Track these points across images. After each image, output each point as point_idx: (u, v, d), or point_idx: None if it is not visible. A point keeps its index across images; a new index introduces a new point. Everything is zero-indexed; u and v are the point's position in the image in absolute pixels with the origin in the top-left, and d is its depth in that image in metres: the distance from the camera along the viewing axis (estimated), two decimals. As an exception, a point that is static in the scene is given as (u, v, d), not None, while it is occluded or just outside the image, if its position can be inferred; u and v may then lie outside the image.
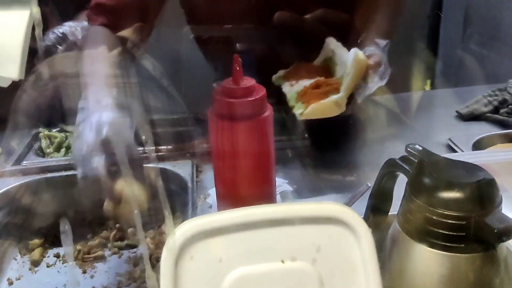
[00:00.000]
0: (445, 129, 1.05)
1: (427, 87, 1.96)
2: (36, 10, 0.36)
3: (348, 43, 0.88)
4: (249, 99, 0.57)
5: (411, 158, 0.56)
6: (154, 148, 0.96)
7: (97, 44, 1.06)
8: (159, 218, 0.90)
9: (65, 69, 1.18)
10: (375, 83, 0.83)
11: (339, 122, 1.10)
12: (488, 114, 1.07)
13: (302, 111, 0.75)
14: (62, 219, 0.90)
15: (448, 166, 0.52)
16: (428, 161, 0.53)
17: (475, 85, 1.31)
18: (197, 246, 0.38)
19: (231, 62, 0.57)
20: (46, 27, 1.02)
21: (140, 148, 0.96)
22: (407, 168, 0.55)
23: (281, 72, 0.89)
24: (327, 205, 0.40)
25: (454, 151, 0.94)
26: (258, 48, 1.22)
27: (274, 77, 0.89)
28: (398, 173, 0.59)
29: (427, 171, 0.51)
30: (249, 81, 0.58)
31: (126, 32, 1.23)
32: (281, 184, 0.77)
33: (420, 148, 0.56)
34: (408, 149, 0.57)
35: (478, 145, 0.95)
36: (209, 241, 0.38)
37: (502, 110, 1.06)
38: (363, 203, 0.65)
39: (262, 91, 0.58)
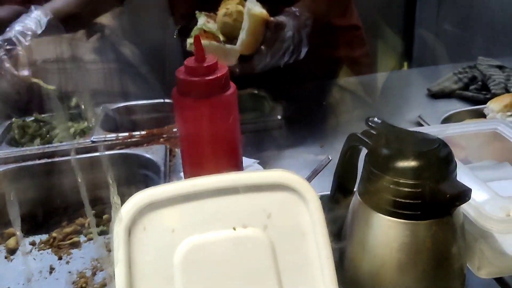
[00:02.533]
0: (416, 107, 1.07)
1: (405, 67, 1.98)
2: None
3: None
4: (211, 77, 0.57)
5: (372, 131, 0.57)
6: (128, 134, 0.97)
7: None
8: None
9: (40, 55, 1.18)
10: (278, 54, 0.83)
11: (312, 102, 1.13)
12: (458, 91, 1.08)
13: (191, 43, 0.75)
14: (37, 207, 0.91)
15: (406, 137, 0.54)
16: (386, 133, 0.55)
17: (448, 64, 1.33)
18: (149, 216, 0.39)
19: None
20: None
21: (113, 135, 0.97)
22: (368, 141, 0.56)
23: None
24: (276, 173, 0.41)
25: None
26: None
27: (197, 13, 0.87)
28: (361, 147, 0.60)
29: (384, 142, 0.52)
30: (211, 59, 0.58)
31: (103, 19, 1.23)
32: (252, 164, 0.77)
33: (379, 121, 0.57)
34: (368, 122, 0.58)
35: (447, 121, 0.96)
36: (161, 211, 0.39)
37: (471, 87, 1.08)
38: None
39: (224, 69, 0.59)
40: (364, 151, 0.60)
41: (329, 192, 0.68)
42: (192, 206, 0.39)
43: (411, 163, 0.49)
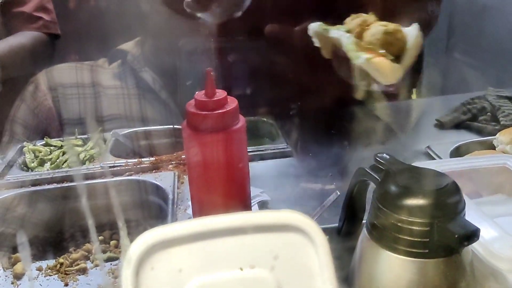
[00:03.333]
0: (425, 137, 1.06)
1: (414, 96, 1.98)
2: None
3: None
4: (221, 111, 0.58)
5: (380, 166, 0.57)
6: (137, 160, 0.97)
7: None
8: (140, 230, 0.91)
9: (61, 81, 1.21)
10: None
11: (320, 130, 1.13)
12: (467, 122, 1.08)
13: (370, 58, 0.73)
14: (45, 232, 0.92)
15: (414, 174, 0.54)
16: (394, 169, 0.55)
17: (457, 93, 1.33)
18: (157, 256, 0.39)
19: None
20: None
21: (123, 161, 0.98)
22: (376, 176, 0.57)
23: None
24: (284, 213, 0.41)
25: (433, 159, 0.95)
26: (250, 60, 1.25)
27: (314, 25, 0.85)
28: (369, 181, 0.60)
29: (392, 179, 0.52)
30: (221, 94, 0.59)
31: (126, 46, 1.26)
32: (259, 194, 0.77)
33: (388, 157, 0.57)
34: (377, 158, 0.58)
35: (456, 153, 0.96)
36: (169, 251, 0.39)
37: (480, 118, 1.08)
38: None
39: (234, 103, 0.59)
40: (372, 185, 0.60)
41: (336, 224, 0.68)
42: (200, 246, 0.39)
43: (419, 201, 0.49)
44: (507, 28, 1.58)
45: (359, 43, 0.76)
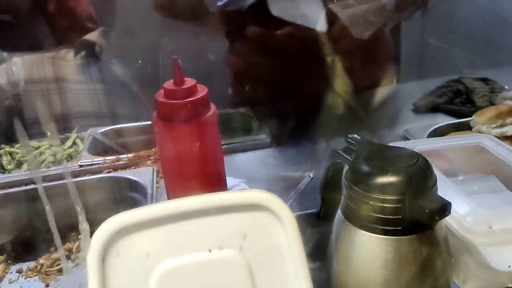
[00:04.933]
0: (403, 121, 1.07)
1: (394, 82, 1.99)
2: None
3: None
4: (191, 99, 0.57)
5: (352, 147, 0.58)
6: (115, 157, 0.97)
7: None
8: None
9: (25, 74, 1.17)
10: None
11: (299, 120, 1.13)
12: (443, 105, 1.09)
13: None
14: (25, 233, 0.90)
15: (385, 153, 0.54)
16: (365, 150, 0.55)
17: (433, 78, 1.34)
18: (123, 242, 0.38)
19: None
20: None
21: (101, 158, 0.97)
22: (347, 157, 0.57)
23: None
24: (251, 193, 0.41)
25: (410, 142, 0.96)
26: (231, 61, 1.24)
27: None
28: (342, 163, 0.61)
29: (363, 159, 0.53)
30: (190, 82, 0.59)
31: (92, 36, 1.22)
32: (238, 183, 0.77)
33: (359, 138, 0.57)
34: (348, 139, 0.58)
35: (433, 135, 0.97)
36: (135, 236, 0.38)
37: (456, 100, 1.09)
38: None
39: (203, 91, 0.59)
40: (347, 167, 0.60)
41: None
42: (166, 230, 0.39)
43: (389, 179, 0.49)
44: (478, 12, 1.60)
45: None
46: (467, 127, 0.99)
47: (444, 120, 1.06)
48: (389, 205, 0.49)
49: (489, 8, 1.48)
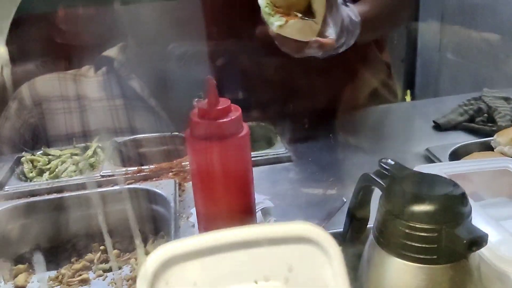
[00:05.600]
0: (423, 139, 1.07)
1: (408, 98, 2.00)
2: (3, 50, 0.37)
3: None
4: (225, 120, 0.58)
5: (385, 172, 0.58)
6: (137, 168, 0.97)
7: None
8: (143, 238, 0.90)
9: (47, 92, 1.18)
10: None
11: (319, 134, 1.13)
12: (464, 123, 1.09)
13: (281, 24, 0.74)
14: (46, 242, 0.91)
15: (419, 179, 0.54)
16: (399, 175, 0.55)
17: (453, 95, 1.34)
18: (171, 271, 0.38)
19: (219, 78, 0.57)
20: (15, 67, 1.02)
21: (122, 169, 0.97)
22: (381, 182, 0.57)
23: None
24: (297, 225, 0.41)
25: (432, 161, 0.96)
26: (243, 64, 1.25)
27: None
28: (373, 187, 0.61)
29: (398, 185, 0.53)
30: (224, 102, 0.59)
31: (111, 52, 1.24)
32: (262, 200, 0.77)
33: (393, 163, 0.57)
34: (381, 163, 0.58)
35: (454, 155, 0.97)
36: (183, 266, 0.39)
37: (477, 119, 1.09)
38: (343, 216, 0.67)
39: (237, 112, 0.59)
40: (376, 191, 0.61)
41: (341, 229, 0.69)
42: (213, 260, 0.39)
43: (426, 207, 0.49)
44: (498, 28, 1.59)
45: (272, 6, 0.76)
46: (489, 147, 0.99)
47: (465, 138, 1.06)
48: (425, 234, 0.49)
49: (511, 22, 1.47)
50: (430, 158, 0.97)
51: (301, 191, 0.90)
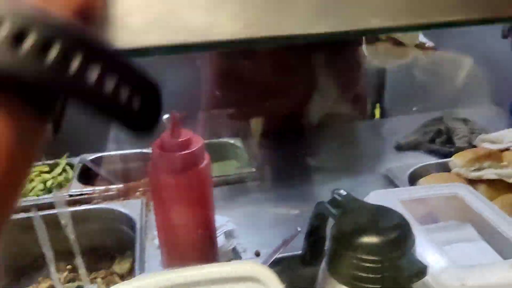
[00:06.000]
0: (386, 159, 1.11)
1: (377, 113, 2.04)
2: None
3: None
4: (186, 152, 0.60)
5: (338, 202, 0.61)
6: (104, 187, 0.98)
7: None
8: (109, 258, 0.92)
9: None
10: None
11: (286, 152, 1.16)
12: (425, 144, 1.13)
13: None
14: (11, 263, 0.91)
15: (368, 211, 0.57)
16: (350, 206, 0.58)
17: (420, 113, 1.38)
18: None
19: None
20: None
21: (90, 188, 0.98)
22: (333, 212, 0.60)
23: None
24: (243, 265, 0.44)
25: (392, 182, 1.00)
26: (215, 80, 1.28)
27: None
28: (328, 215, 0.64)
29: (348, 217, 0.56)
30: (186, 134, 0.61)
31: None
32: (225, 223, 0.80)
33: (345, 193, 0.60)
34: (334, 194, 0.61)
35: (413, 175, 1.01)
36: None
37: (437, 140, 1.13)
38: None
39: (199, 143, 0.62)
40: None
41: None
42: (163, 299, 0.42)
43: (371, 240, 0.52)
44: (464, 50, 1.65)
45: None
46: (447, 168, 1.03)
47: (425, 159, 1.10)
48: (371, 265, 0.52)
49: (475, 47, 1.53)
50: (390, 178, 1.01)
51: (265, 211, 0.92)
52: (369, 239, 0.52)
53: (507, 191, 0.95)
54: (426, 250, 0.62)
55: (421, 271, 0.50)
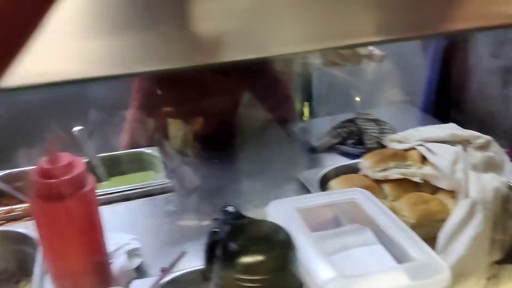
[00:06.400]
0: (299, 162, 1.13)
1: (306, 116, 2.07)
2: None
3: None
4: (67, 177, 0.58)
5: (227, 219, 0.61)
6: (9, 208, 0.94)
7: None
8: (15, 281, 0.88)
9: None
10: None
11: (202, 161, 1.15)
12: (337, 146, 1.16)
13: None
14: None
15: (251, 229, 0.58)
16: (236, 224, 0.58)
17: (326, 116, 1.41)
18: None
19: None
20: None
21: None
22: (223, 229, 0.60)
23: None
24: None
25: (303, 185, 1.01)
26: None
27: None
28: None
29: (231, 236, 0.56)
30: (66, 158, 0.59)
31: None
32: (128, 241, 0.78)
33: (233, 211, 0.61)
34: (222, 210, 0.61)
35: (324, 178, 1.03)
36: None
37: (349, 141, 1.16)
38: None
39: (81, 167, 0.60)
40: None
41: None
42: None
43: (249, 259, 0.53)
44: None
45: None
46: (358, 169, 1.05)
47: (338, 160, 1.13)
48: (251, 285, 0.52)
49: (388, 46, 1.57)
50: (302, 183, 1.03)
51: (175, 224, 0.91)
52: (247, 259, 0.53)
53: (412, 190, 0.98)
54: (314, 261, 0.62)
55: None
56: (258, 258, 0.53)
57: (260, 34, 0.34)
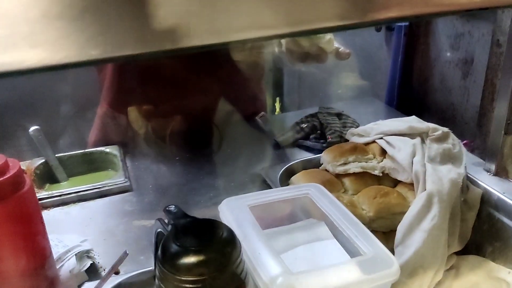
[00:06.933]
0: (265, 158, 1.12)
1: (277, 110, 2.07)
2: None
3: None
4: (2, 178, 0.56)
5: (170, 218, 0.59)
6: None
7: None
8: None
9: None
10: None
11: (164, 158, 1.14)
12: (300, 141, 1.15)
13: None
14: None
15: (193, 228, 0.56)
16: (179, 224, 0.57)
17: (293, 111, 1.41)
18: None
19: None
20: None
21: None
22: (165, 229, 0.58)
23: None
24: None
25: (265, 181, 1.00)
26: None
27: None
28: (166, 231, 0.62)
29: (172, 237, 0.55)
30: (0, 160, 0.57)
31: None
32: (79, 243, 0.76)
33: (175, 210, 0.59)
34: (165, 210, 0.60)
35: (286, 174, 1.02)
36: None
37: (311, 136, 1.15)
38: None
39: (16, 166, 0.58)
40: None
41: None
42: None
43: (190, 260, 0.52)
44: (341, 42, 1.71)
45: None
46: (318, 164, 1.05)
47: (302, 155, 1.12)
48: (191, 285, 0.51)
49: (354, 41, 1.57)
50: (264, 179, 1.02)
51: (131, 224, 0.90)
52: (188, 259, 0.51)
53: (373, 183, 0.98)
54: (262, 258, 0.61)
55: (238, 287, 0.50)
56: (198, 258, 0.51)
57: (220, 19, 0.32)
